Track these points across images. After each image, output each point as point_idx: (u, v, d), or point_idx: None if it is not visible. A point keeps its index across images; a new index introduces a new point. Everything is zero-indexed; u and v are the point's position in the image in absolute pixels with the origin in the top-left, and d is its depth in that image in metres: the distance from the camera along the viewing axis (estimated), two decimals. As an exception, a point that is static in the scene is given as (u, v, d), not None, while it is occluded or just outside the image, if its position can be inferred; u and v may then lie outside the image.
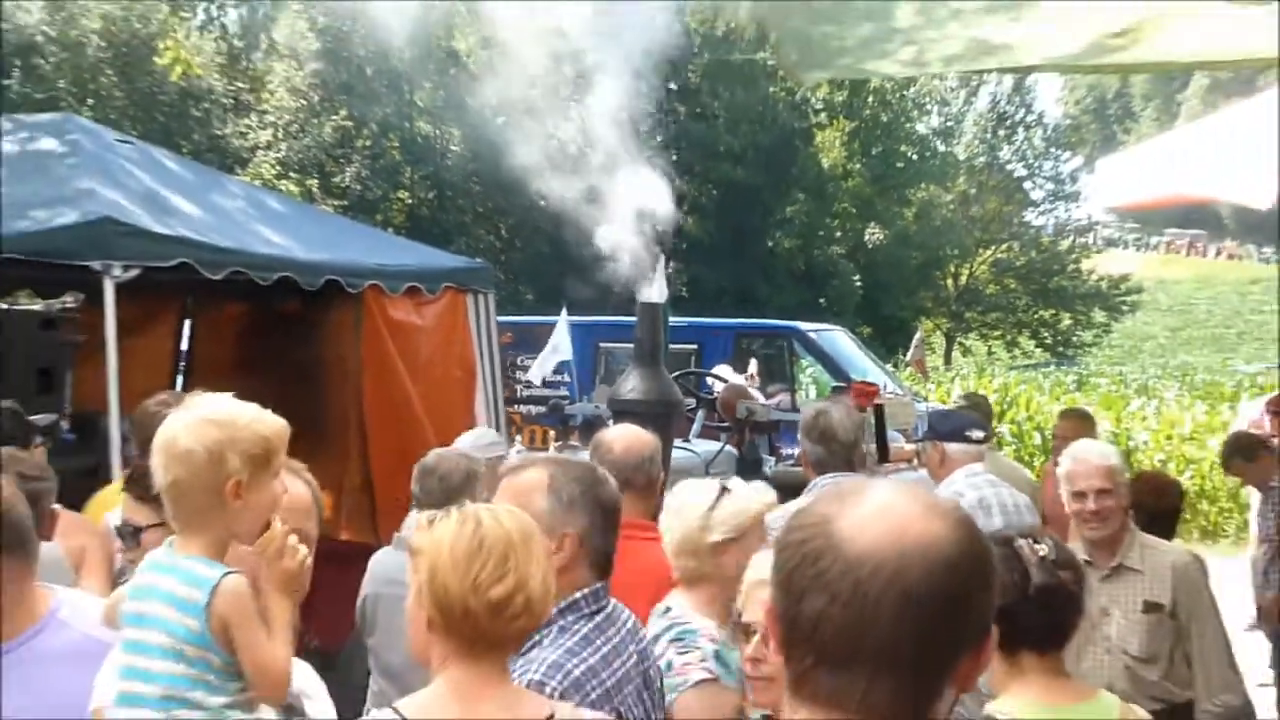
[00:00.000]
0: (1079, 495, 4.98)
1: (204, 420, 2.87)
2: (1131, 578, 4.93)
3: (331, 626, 5.77)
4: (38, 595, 3.02)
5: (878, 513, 1.70)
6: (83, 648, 2.89)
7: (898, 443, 10.40)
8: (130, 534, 3.93)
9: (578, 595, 3.25)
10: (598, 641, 3.21)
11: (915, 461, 8.91)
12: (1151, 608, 4.86)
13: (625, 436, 4.84)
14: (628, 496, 4.45)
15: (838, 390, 14.93)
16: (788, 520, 1.79)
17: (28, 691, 2.86)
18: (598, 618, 3.25)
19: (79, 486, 6.11)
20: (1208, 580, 5.13)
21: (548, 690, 2.98)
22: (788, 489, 6.26)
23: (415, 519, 4.27)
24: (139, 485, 3.96)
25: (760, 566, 2.98)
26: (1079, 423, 8.81)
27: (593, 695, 3.10)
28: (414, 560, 2.69)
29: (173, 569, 2.90)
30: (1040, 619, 3.21)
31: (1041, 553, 3.24)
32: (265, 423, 2.94)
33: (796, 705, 1.74)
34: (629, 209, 12.09)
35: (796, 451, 10.90)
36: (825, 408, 6.70)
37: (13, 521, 3.02)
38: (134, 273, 7.70)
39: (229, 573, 2.94)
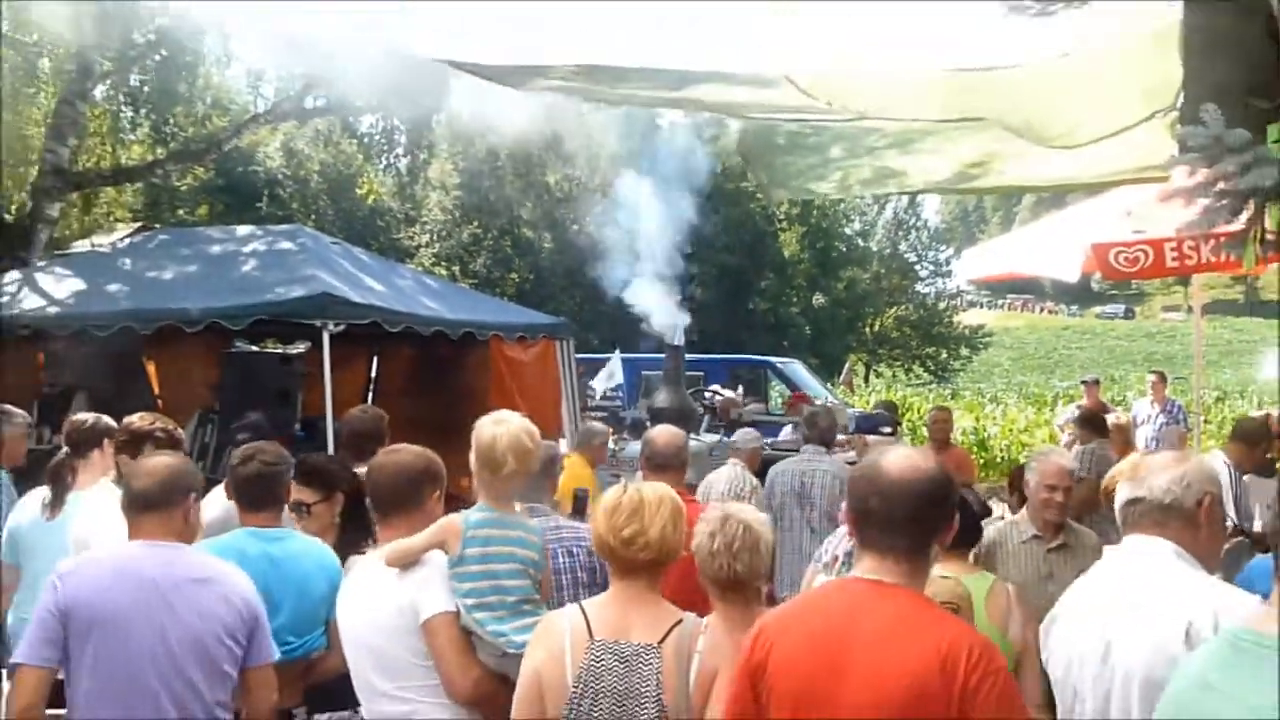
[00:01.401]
0: (1051, 488, 4.52)
1: (530, 430, 3.06)
2: (1069, 553, 4.53)
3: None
4: None
5: (900, 458, 2.24)
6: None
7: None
8: (304, 509, 3.79)
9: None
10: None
11: (848, 446, 8.87)
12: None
13: (666, 433, 4.63)
14: (668, 473, 4.34)
15: (797, 398, 14.90)
16: (856, 466, 2.39)
17: None
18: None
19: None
20: None
21: None
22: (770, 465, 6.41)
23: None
24: (303, 474, 3.86)
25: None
26: (942, 412, 8.74)
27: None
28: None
29: (513, 525, 3.06)
30: (978, 533, 3.86)
31: (979, 499, 3.91)
32: None
33: (861, 554, 2.26)
34: (660, 285, 12.07)
35: (770, 440, 10.88)
36: (817, 410, 6.97)
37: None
38: (341, 328, 7.75)
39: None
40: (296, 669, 3.50)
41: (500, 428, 3.03)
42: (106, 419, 4.78)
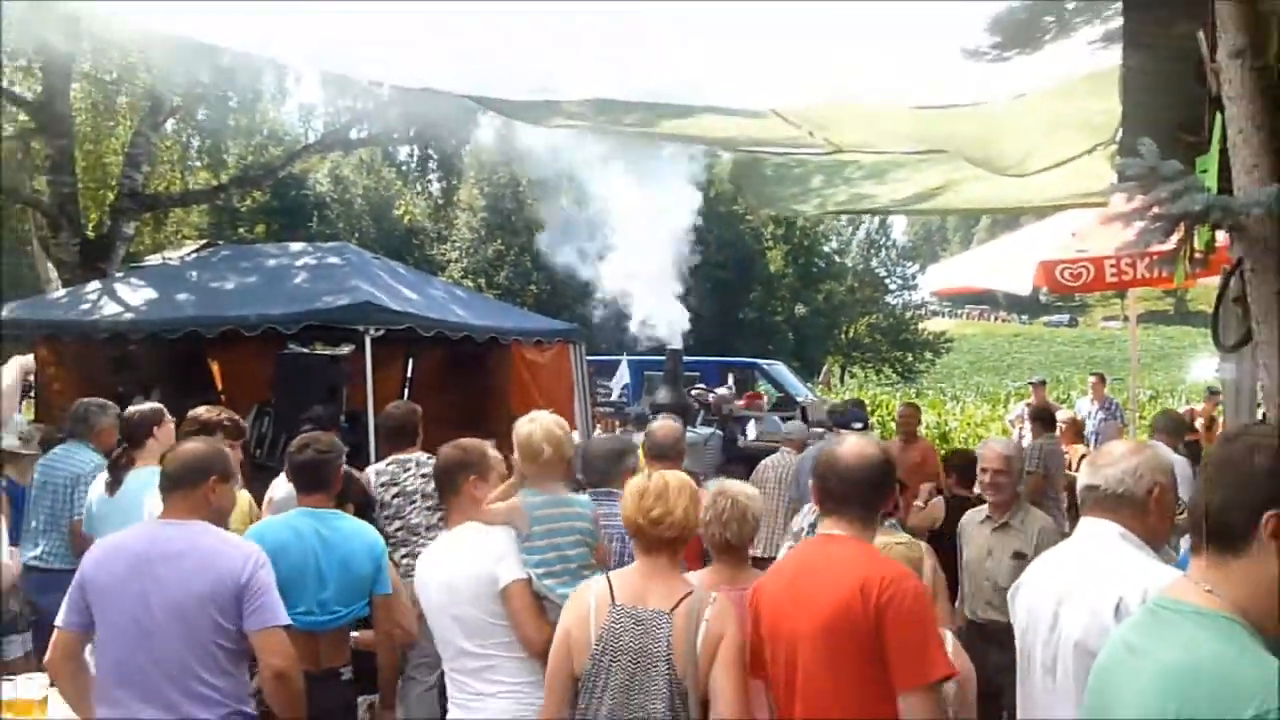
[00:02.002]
0: (984, 471, 4.46)
1: (560, 421, 3.17)
2: (1011, 533, 4.42)
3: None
4: None
5: (851, 447, 2.55)
6: None
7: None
8: None
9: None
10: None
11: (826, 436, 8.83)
12: (1018, 556, 4.27)
13: (665, 426, 4.63)
14: (667, 461, 4.31)
15: (750, 396, 14.93)
16: (820, 452, 2.68)
17: None
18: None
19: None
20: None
21: None
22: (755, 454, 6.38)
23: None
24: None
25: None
26: (910, 408, 8.66)
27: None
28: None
29: (568, 503, 3.15)
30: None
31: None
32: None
33: (823, 519, 2.54)
34: (662, 297, 12.06)
35: (752, 435, 10.88)
36: (837, 403, 7.32)
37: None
38: (381, 333, 7.73)
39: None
40: (343, 633, 3.52)
41: (534, 424, 3.13)
42: (149, 406, 4.79)
